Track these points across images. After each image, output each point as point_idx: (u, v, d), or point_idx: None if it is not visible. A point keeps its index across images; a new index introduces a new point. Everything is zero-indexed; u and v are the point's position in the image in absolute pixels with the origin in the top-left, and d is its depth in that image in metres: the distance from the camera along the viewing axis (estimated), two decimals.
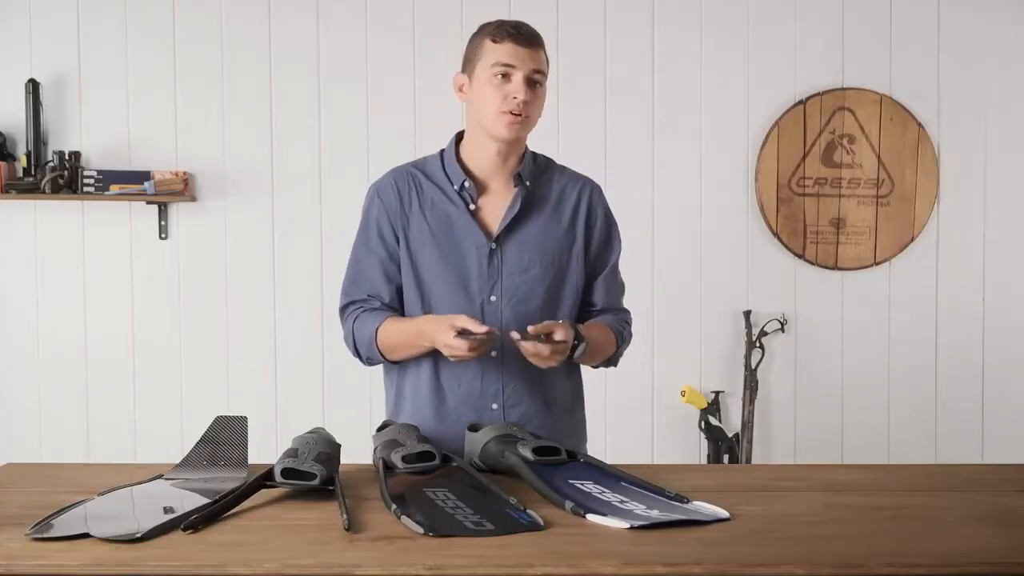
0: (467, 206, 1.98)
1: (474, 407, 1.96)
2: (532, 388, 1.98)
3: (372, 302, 2.00)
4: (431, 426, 1.94)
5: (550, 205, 2.02)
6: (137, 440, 3.75)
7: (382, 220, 2.01)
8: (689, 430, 3.83)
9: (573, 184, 2.06)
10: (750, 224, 3.84)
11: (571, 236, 2.02)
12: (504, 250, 1.97)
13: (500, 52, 1.89)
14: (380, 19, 3.76)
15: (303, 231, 3.75)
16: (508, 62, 1.89)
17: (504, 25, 1.91)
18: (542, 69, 1.92)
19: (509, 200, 1.99)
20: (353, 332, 2.00)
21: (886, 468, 2.03)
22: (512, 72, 1.89)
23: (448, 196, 1.99)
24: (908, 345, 3.86)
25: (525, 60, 1.89)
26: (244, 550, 1.30)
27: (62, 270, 3.74)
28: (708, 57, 3.82)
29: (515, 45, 1.89)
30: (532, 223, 1.99)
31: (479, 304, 1.95)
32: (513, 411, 1.97)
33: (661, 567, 1.24)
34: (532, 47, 1.90)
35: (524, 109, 1.89)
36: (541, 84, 1.92)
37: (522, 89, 1.88)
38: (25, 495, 1.60)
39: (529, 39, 1.90)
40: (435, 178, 2.00)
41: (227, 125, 3.75)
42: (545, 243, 1.99)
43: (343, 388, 3.70)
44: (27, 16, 3.70)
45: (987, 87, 3.85)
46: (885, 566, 1.24)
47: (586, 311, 2.07)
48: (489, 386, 1.96)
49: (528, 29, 1.92)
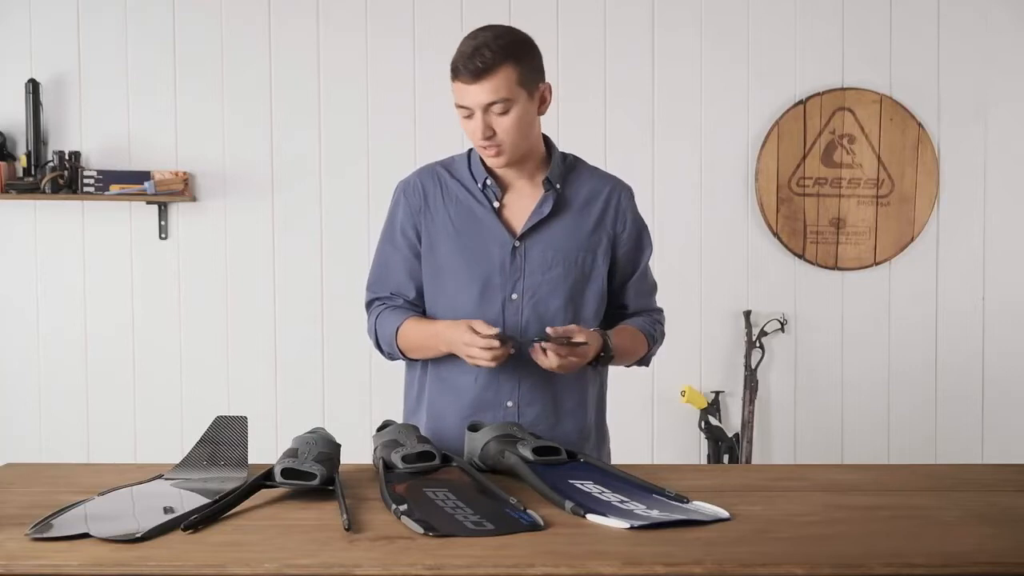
0: (491, 204, 1.98)
1: (489, 404, 1.96)
2: (548, 387, 1.97)
3: (395, 300, 2.02)
4: (448, 424, 1.95)
5: (577, 205, 2.00)
6: (137, 440, 3.75)
7: (406, 219, 2.01)
8: (689, 430, 3.83)
9: (603, 185, 2.04)
10: (750, 224, 3.84)
11: (597, 238, 2.01)
12: (528, 248, 1.96)
13: (457, 92, 1.87)
14: (380, 19, 3.76)
15: (303, 231, 3.75)
16: (462, 103, 1.86)
17: (458, 59, 1.85)
18: (500, 97, 1.84)
19: (535, 199, 1.98)
20: (376, 328, 2.02)
21: (886, 468, 2.03)
22: (469, 111, 1.87)
23: (472, 194, 1.99)
24: (908, 345, 3.86)
25: (477, 96, 1.84)
26: (244, 550, 1.30)
27: (62, 270, 3.74)
28: (708, 57, 3.82)
29: (463, 84, 1.85)
30: (557, 223, 1.98)
31: (500, 301, 1.95)
32: (528, 410, 1.96)
33: (661, 567, 1.24)
34: (480, 80, 1.82)
35: (490, 143, 1.88)
36: (506, 108, 1.85)
37: (479, 129, 1.86)
38: (25, 495, 1.60)
39: (476, 74, 1.82)
40: (460, 176, 2.01)
41: (227, 125, 3.75)
42: (569, 243, 1.98)
43: (343, 388, 3.70)
44: (27, 16, 3.70)
45: (987, 87, 3.85)
46: (885, 566, 1.24)
47: (618, 313, 2.08)
48: (504, 383, 1.96)
49: (474, 63, 1.82)
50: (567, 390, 1.99)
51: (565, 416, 1.99)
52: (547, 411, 1.97)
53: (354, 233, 3.65)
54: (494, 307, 1.94)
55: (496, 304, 1.95)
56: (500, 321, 1.93)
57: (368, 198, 3.69)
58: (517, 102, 1.86)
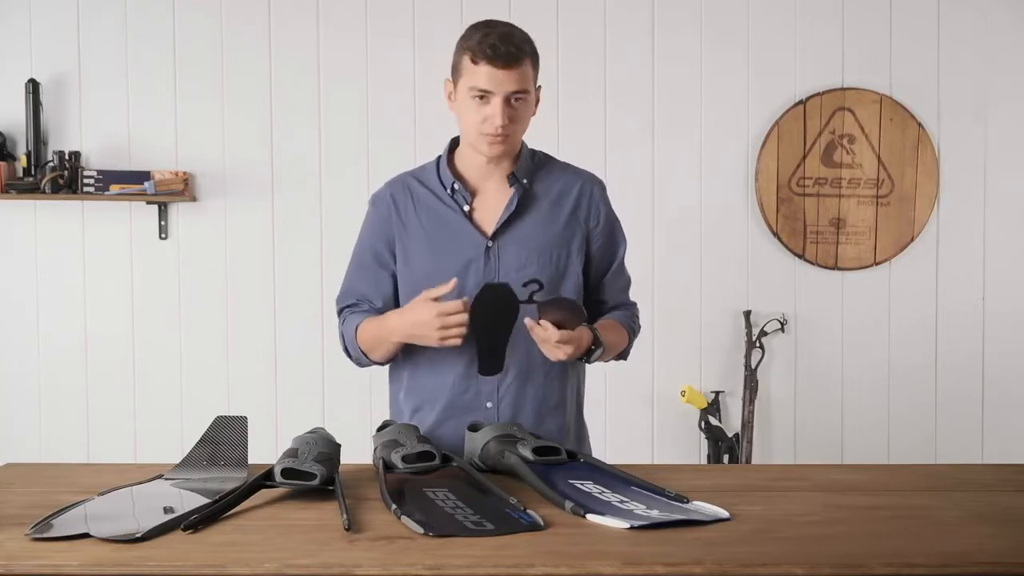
0: (461, 208, 1.98)
1: (468, 406, 1.96)
2: (528, 387, 1.97)
3: (361, 304, 2.03)
4: (430, 426, 1.96)
5: (548, 201, 2.00)
6: (137, 440, 3.75)
7: (376, 232, 2.04)
8: (689, 430, 3.83)
9: (574, 180, 2.04)
10: (750, 224, 3.84)
11: (570, 232, 2.00)
12: (501, 248, 1.96)
13: (478, 76, 1.84)
14: (380, 19, 3.76)
15: (303, 231, 3.75)
16: (485, 88, 1.84)
17: (484, 42, 1.83)
18: (524, 88, 1.86)
19: (504, 198, 1.98)
20: (342, 334, 2.04)
21: (886, 468, 2.03)
22: (490, 96, 1.85)
23: (443, 200, 1.99)
24: (908, 345, 3.86)
25: (503, 83, 1.83)
26: (244, 550, 1.30)
27: (62, 270, 3.74)
28: (708, 57, 3.82)
29: (492, 68, 1.83)
30: (529, 220, 1.98)
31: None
32: (507, 410, 1.96)
33: (661, 567, 1.24)
34: (511, 67, 1.83)
35: (504, 131, 1.87)
36: (524, 100, 1.88)
37: (499, 115, 1.85)
38: (25, 495, 1.60)
39: (507, 60, 1.82)
40: (429, 184, 2.01)
41: (227, 125, 3.75)
42: (542, 240, 1.98)
43: (343, 388, 3.70)
44: (27, 16, 3.70)
45: (987, 87, 3.85)
46: (885, 566, 1.24)
47: (596, 308, 2.07)
48: (484, 384, 1.96)
49: (507, 48, 1.82)
50: (548, 388, 1.98)
51: (546, 415, 1.98)
52: (528, 411, 1.96)
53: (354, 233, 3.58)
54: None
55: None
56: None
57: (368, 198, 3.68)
58: (531, 95, 1.91)
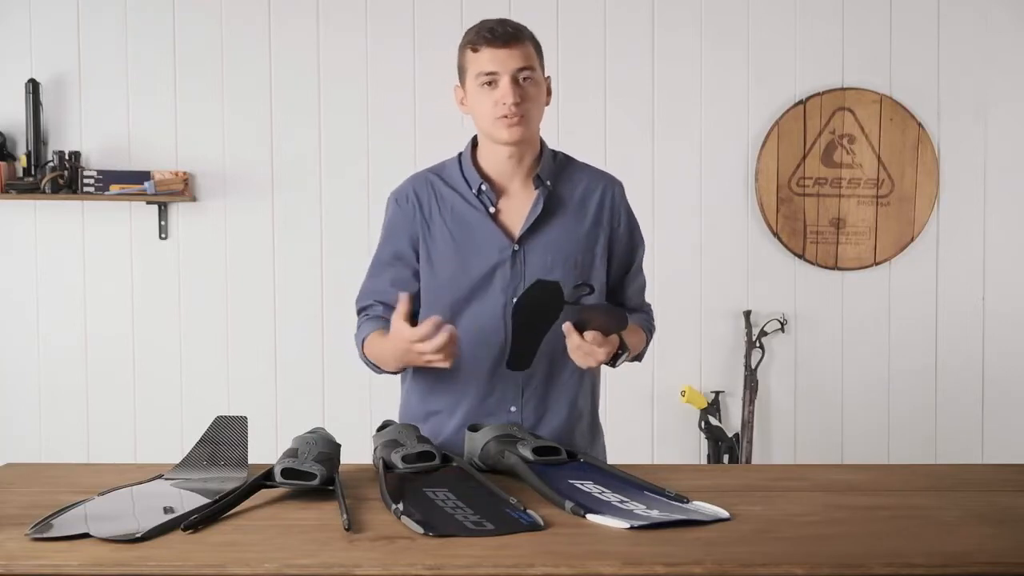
0: (487, 209, 1.95)
1: (491, 411, 1.94)
2: (551, 391, 1.96)
3: (376, 308, 1.99)
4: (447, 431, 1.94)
5: (572, 205, 1.99)
6: (137, 440, 3.75)
7: (400, 230, 1.99)
8: (689, 430, 3.83)
9: (596, 182, 2.03)
10: (750, 224, 3.84)
11: (594, 236, 1.99)
12: (527, 252, 1.94)
13: (481, 61, 1.86)
14: (380, 19, 3.76)
15: (303, 231, 3.75)
16: (490, 69, 1.86)
17: (481, 30, 1.87)
18: (529, 65, 1.87)
19: (530, 201, 1.96)
20: (357, 341, 2.00)
21: (886, 468, 2.03)
22: (496, 78, 1.86)
23: (468, 200, 1.96)
24: (908, 345, 3.86)
25: (507, 62, 1.85)
26: (244, 550, 1.30)
27: (62, 270, 3.74)
28: (708, 57, 3.82)
29: (493, 50, 1.85)
30: (554, 224, 1.96)
31: (502, 307, 1.93)
32: (532, 414, 1.95)
33: (661, 567, 1.24)
34: (511, 46, 1.86)
35: (518, 110, 1.86)
36: (532, 79, 1.88)
37: (509, 93, 1.85)
38: (25, 495, 1.60)
39: (506, 39, 1.85)
40: (453, 183, 1.98)
41: (227, 125, 3.75)
42: (568, 245, 1.96)
43: (343, 388, 3.70)
44: (27, 16, 3.70)
45: (987, 87, 3.85)
46: (885, 566, 1.24)
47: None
48: (508, 390, 1.94)
49: (504, 29, 1.86)
50: (571, 392, 1.98)
51: (573, 419, 1.97)
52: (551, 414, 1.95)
53: (354, 233, 3.65)
54: (495, 313, 1.93)
55: (497, 310, 1.93)
56: (501, 327, 1.91)
57: (368, 198, 3.68)
58: (538, 75, 1.91)
